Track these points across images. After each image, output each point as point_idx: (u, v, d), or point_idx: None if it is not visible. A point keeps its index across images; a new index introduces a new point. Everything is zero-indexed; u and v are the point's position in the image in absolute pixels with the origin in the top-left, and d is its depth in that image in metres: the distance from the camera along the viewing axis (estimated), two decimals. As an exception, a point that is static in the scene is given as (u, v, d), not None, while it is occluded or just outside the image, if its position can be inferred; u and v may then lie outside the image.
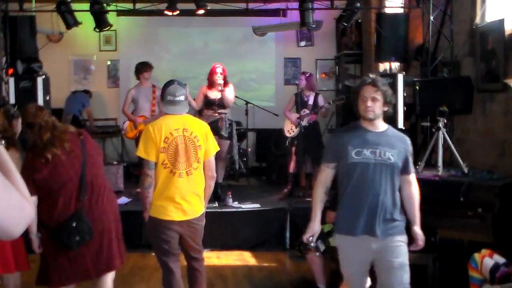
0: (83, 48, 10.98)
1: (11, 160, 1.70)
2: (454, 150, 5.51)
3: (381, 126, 3.74)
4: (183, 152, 4.08)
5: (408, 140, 3.81)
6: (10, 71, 7.69)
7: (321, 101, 7.84)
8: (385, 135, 3.72)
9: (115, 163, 8.77)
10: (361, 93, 3.68)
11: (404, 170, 3.73)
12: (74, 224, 3.68)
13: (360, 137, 3.68)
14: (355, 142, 3.66)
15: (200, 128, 4.21)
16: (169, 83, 4.32)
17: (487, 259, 4.05)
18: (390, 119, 7.08)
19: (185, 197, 4.12)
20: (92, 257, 3.83)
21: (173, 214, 4.11)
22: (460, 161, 5.38)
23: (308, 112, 7.76)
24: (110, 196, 4.05)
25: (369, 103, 3.61)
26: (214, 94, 7.39)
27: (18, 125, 4.40)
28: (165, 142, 4.05)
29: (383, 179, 3.61)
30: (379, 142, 3.64)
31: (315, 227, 3.81)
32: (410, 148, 3.79)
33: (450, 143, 5.54)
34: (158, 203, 4.12)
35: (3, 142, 3.62)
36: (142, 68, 8.07)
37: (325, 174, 3.85)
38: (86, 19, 8.33)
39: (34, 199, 3.64)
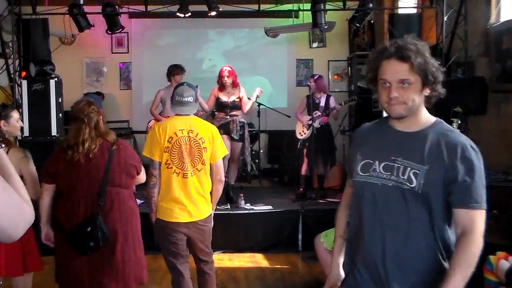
0: (96, 50, 11.02)
1: (11, 163, 1.68)
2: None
3: (419, 122, 2.28)
4: (187, 153, 4.06)
5: (467, 151, 2.19)
6: (23, 73, 7.74)
7: (332, 102, 7.79)
8: (418, 139, 2.24)
9: (143, 171, 8.74)
10: (380, 73, 2.22)
11: (455, 201, 2.18)
12: (88, 229, 3.68)
13: (376, 141, 2.37)
14: (366, 148, 2.38)
15: (207, 130, 4.18)
16: (180, 84, 4.36)
17: (503, 262, 4.00)
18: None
19: (189, 199, 4.08)
20: (97, 267, 3.81)
21: (179, 216, 4.09)
22: (474, 162, 5.31)
23: (320, 114, 7.72)
24: (128, 216, 3.97)
25: (395, 92, 2.18)
26: (225, 97, 7.36)
27: (9, 125, 4.33)
28: (169, 142, 4.04)
29: (399, 213, 2.21)
30: (402, 150, 2.25)
31: (334, 275, 2.59)
32: (470, 163, 2.17)
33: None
34: (163, 205, 4.11)
35: (3, 145, 3.61)
36: (174, 70, 8.07)
37: (345, 193, 2.65)
38: (99, 22, 8.37)
39: (50, 186, 3.87)
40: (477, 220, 2.16)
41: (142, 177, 4.19)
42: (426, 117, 2.29)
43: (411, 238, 2.19)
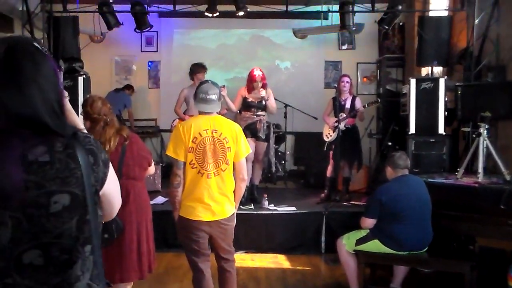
0: (125, 49, 11.12)
1: None
2: (496, 157, 5.35)
3: None
4: (211, 153, 4.06)
5: None
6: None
7: (358, 104, 7.72)
8: None
9: (153, 163, 8.81)
10: None
11: None
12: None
13: None
14: None
15: (231, 130, 4.17)
16: (204, 82, 4.34)
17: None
18: (430, 125, 7.05)
19: (213, 198, 4.10)
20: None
21: (202, 215, 4.10)
22: (502, 168, 5.22)
23: (345, 115, 7.66)
24: (142, 208, 4.08)
25: None
26: (252, 96, 7.35)
27: None
28: (193, 142, 4.04)
29: None
30: None
31: None
32: None
33: (492, 149, 5.39)
34: (187, 203, 4.12)
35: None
36: (196, 69, 8.11)
37: None
38: (128, 20, 8.44)
39: None
40: None
41: (152, 169, 4.32)
42: None
43: None
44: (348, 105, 7.73)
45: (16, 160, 1.43)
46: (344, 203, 7.61)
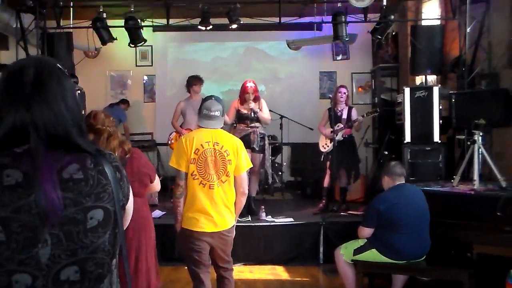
0: (120, 64, 11.15)
1: None
2: (491, 164, 5.37)
3: None
4: (212, 165, 4.13)
5: None
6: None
7: (354, 114, 7.74)
8: None
9: (158, 179, 8.80)
10: None
11: None
12: None
13: None
14: None
15: (232, 143, 4.25)
16: (207, 98, 4.41)
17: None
18: (426, 133, 7.07)
19: (215, 209, 4.15)
20: None
21: (205, 226, 4.15)
22: (498, 174, 5.24)
23: (343, 126, 7.67)
24: (140, 224, 4.03)
25: None
26: (246, 108, 7.38)
27: None
28: (195, 154, 4.11)
29: None
30: None
31: None
32: None
33: (487, 156, 5.41)
34: (189, 215, 4.16)
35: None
36: (192, 81, 8.16)
37: None
38: (123, 35, 8.48)
39: None
40: None
41: (156, 185, 4.27)
42: None
43: None
44: (344, 116, 7.75)
45: (53, 179, 1.45)
46: (342, 213, 7.61)
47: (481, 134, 5.48)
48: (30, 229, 1.43)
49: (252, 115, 7.36)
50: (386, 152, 8.46)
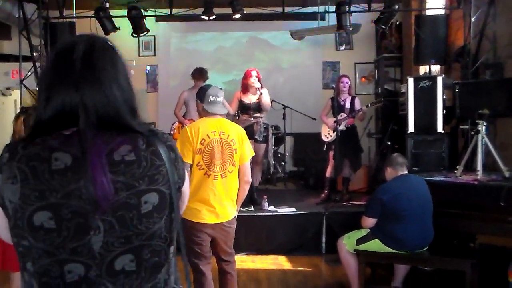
0: (123, 53, 11.00)
1: None
2: (495, 154, 5.34)
3: None
4: (219, 155, 4.10)
5: None
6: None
7: (357, 104, 7.72)
8: None
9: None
10: None
11: None
12: None
13: None
14: None
15: (237, 132, 4.23)
16: (207, 86, 4.40)
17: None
18: (429, 123, 7.03)
19: (218, 200, 4.13)
20: None
21: (206, 217, 4.12)
22: (501, 165, 5.22)
23: (346, 116, 7.65)
24: None
25: None
26: (248, 99, 7.35)
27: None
28: (201, 144, 4.08)
29: None
30: None
31: None
32: None
33: (491, 146, 5.38)
34: (191, 206, 4.09)
35: None
36: (197, 73, 8.11)
37: None
38: (125, 25, 8.45)
39: None
40: None
41: None
42: None
43: None
44: (347, 105, 7.72)
45: (102, 162, 1.37)
46: (344, 203, 7.61)
47: (485, 124, 5.45)
48: (81, 215, 1.35)
49: (258, 104, 7.30)
50: (389, 143, 8.43)
